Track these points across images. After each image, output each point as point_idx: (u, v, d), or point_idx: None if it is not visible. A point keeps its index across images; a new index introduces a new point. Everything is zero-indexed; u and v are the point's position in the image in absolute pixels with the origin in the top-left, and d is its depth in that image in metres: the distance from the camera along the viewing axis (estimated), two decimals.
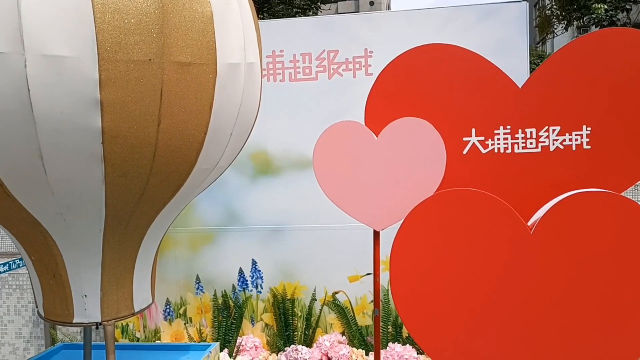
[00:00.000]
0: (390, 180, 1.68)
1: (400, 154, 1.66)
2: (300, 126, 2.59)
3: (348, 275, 2.63)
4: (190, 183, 1.48)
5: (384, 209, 1.68)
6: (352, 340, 2.61)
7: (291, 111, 2.60)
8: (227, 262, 2.68)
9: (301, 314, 2.65)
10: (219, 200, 2.68)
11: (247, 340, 2.61)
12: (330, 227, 2.62)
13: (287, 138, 2.61)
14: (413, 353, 2.48)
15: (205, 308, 2.69)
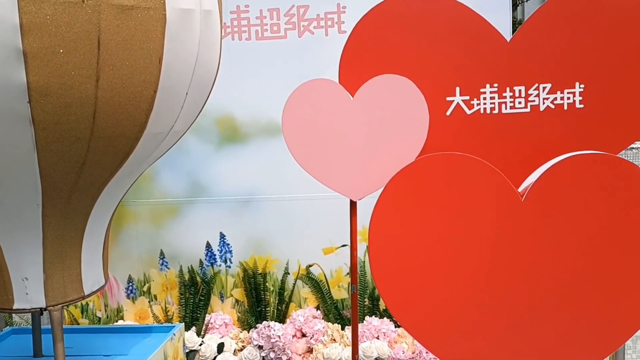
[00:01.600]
0: (368, 144, 1.52)
1: (378, 115, 1.50)
2: (269, 89, 2.40)
3: (322, 247, 2.50)
4: (141, 149, 1.29)
5: (361, 176, 1.53)
6: (327, 315, 2.49)
7: (258, 73, 2.41)
8: (193, 236, 2.51)
9: (273, 288, 2.52)
10: (182, 170, 2.49)
11: (216, 317, 2.47)
12: (302, 197, 2.47)
13: (254, 102, 2.43)
14: (391, 326, 2.38)
15: (170, 285, 2.53)
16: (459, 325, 1.38)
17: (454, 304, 1.36)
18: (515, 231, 1.31)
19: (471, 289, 1.35)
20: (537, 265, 1.31)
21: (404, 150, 1.49)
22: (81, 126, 1.13)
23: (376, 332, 2.36)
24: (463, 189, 1.32)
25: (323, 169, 1.57)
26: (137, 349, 1.74)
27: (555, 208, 1.30)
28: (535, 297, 1.32)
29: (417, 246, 1.35)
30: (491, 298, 1.34)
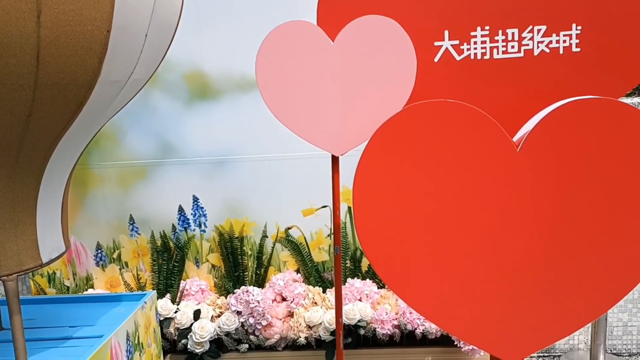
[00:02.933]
0: (350, 93, 1.40)
1: (361, 61, 1.38)
2: (241, 41, 2.24)
3: (301, 208, 2.39)
4: (96, 100, 1.15)
5: (342, 129, 1.41)
6: (308, 278, 2.41)
7: (229, 24, 2.24)
8: (164, 199, 2.37)
9: (251, 252, 2.42)
10: (150, 130, 2.34)
11: (192, 283, 2.36)
12: (280, 157, 2.34)
13: (226, 55, 2.27)
14: (373, 288, 2.31)
15: (142, 251, 2.41)
16: (449, 284, 1.30)
17: (444, 261, 1.28)
18: (510, 183, 1.22)
19: (462, 246, 1.26)
20: (534, 220, 1.23)
21: (389, 100, 1.37)
22: (23, 71, 0.98)
23: (358, 294, 2.29)
24: (454, 140, 1.22)
25: (301, 121, 1.45)
26: (106, 318, 1.63)
27: (553, 158, 1.20)
28: (530, 253, 1.24)
29: (404, 202, 1.24)
30: (483, 254, 1.26)
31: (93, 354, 1.35)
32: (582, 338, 2.70)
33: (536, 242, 1.23)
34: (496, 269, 1.27)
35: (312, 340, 2.26)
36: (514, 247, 1.24)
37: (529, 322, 1.30)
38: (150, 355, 1.72)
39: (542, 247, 1.23)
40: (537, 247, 1.24)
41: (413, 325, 2.18)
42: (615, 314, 2.66)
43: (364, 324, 2.21)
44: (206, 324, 2.23)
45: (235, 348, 2.29)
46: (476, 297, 1.30)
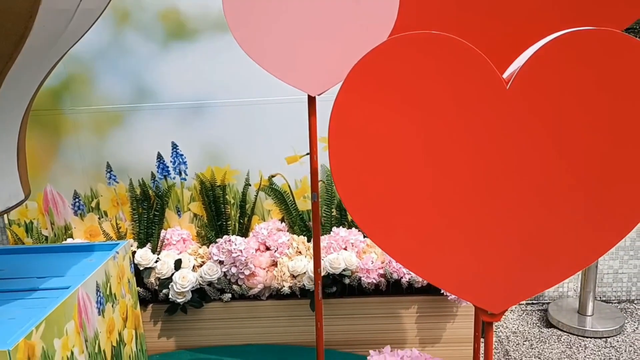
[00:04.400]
0: (327, 27, 1.28)
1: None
2: None
3: (285, 155, 2.30)
4: (40, 31, 1.03)
5: (319, 66, 1.30)
6: (292, 227, 2.34)
7: None
8: (142, 146, 2.28)
9: (234, 201, 2.34)
10: (124, 73, 2.21)
11: (173, 232, 2.30)
12: (262, 101, 2.23)
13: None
14: (359, 236, 2.25)
15: (121, 200, 2.33)
16: (429, 231, 1.23)
17: (425, 207, 1.20)
18: (498, 124, 1.12)
19: (445, 191, 1.18)
20: (523, 163, 1.14)
21: (369, 34, 1.25)
22: None
23: (344, 243, 2.23)
24: (438, 76, 1.11)
25: (275, 59, 1.33)
26: (76, 269, 1.56)
27: (545, 96, 1.10)
28: (518, 198, 1.16)
29: (384, 143, 1.15)
30: (467, 200, 1.18)
31: (58, 306, 1.29)
32: (572, 285, 2.68)
33: (525, 187, 1.15)
34: (480, 216, 1.19)
35: (297, 289, 2.22)
36: (501, 192, 1.16)
37: (514, 271, 1.23)
38: (125, 306, 1.67)
39: (531, 192, 1.15)
40: (526, 192, 1.15)
41: (399, 274, 2.14)
42: (606, 261, 2.62)
43: (349, 273, 2.16)
44: (187, 273, 2.18)
45: (218, 298, 2.25)
46: (459, 245, 1.23)
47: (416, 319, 2.21)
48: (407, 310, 2.22)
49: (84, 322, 1.41)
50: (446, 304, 2.17)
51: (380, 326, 2.23)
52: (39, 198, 2.33)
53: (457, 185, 1.17)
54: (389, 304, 2.21)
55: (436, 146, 1.15)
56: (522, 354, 2.27)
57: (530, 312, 2.61)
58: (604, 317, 2.45)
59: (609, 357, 2.21)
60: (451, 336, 2.20)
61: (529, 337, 2.40)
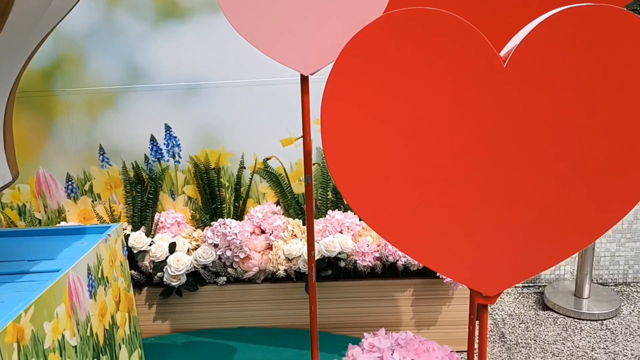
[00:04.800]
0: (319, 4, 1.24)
1: None
2: None
3: (280, 138, 2.27)
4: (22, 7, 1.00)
5: (312, 44, 1.27)
6: (287, 210, 2.32)
7: None
8: (134, 128, 2.25)
9: (229, 184, 2.32)
10: (116, 53, 2.17)
11: (167, 216, 2.28)
12: (256, 82, 2.20)
13: None
14: (355, 220, 2.23)
15: (115, 183, 2.30)
16: (424, 213, 1.21)
17: (419, 188, 1.18)
18: (494, 103, 1.10)
19: (439, 171, 1.16)
20: (519, 143, 1.11)
21: (363, 10, 1.22)
22: None
23: (339, 226, 2.21)
24: (433, 53, 1.08)
25: (267, 37, 1.30)
26: (67, 252, 1.55)
27: (543, 74, 1.08)
28: (514, 179, 1.14)
29: (377, 123, 1.13)
30: (462, 180, 1.16)
31: (48, 289, 1.27)
32: (568, 268, 2.67)
33: (522, 167, 1.13)
34: (476, 197, 1.17)
35: (292, 272, 2.21)
36: (497, 172, 1.14)
37: (510, 253, 1.22)
38: (117, 289, 1.65)
39: (527, 172, 1.13)
40: (523, 172, 1.13)
41: (395, 257, 2.13)
42: (603, 244, 2.61)
43: (345, 256, 2.15)
44: (182, 256, 2.16)
45: (213, 281, 2.24)
46: (453, 227, 1.21)
47: (412, 301, 2.21)
48: (402, 293, 2.21)
49: (75, 306, 1.40)
50: (442, 287, 2.16)
51: (375, 309, 2.22)
52: (31, 181, 2.31)
53: (453, 166, 1.15)
54: (385, 287, 2.21)
55: (431, 126, 1.12)
56: (517, 336, 2.27)
57: (527, 295, 2.61)
58: (600, 300, 2.45)
59: (605, 340, 2.21)
60: (446, 319, 2.20)
61: (525, 319, 2.40)
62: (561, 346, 2.19)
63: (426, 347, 1.49)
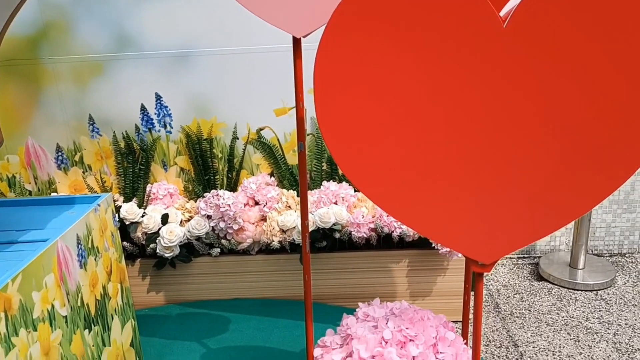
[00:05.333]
0: None
1: None
2: None
3: (273, 107, 2.23)
4: None
5: (305, 4, 1.22)
6: (281, 182, 2.30)
7: None
8: (124, 97, 2.20)
9: (222, 155, 2.28)
10: (104, 20, 2.11)
11: (160, 187, 2.25)
12: (248, 50, 2.14)
13: None
14: (350, 191, 2.21)
15: (105, 153, 2.27)
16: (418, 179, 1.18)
17: (413, 155, 1.14)
18: (493, 66, 1.06)
19: (434, 136, 1.12)
20: (517, 108, 1.08)
21: None
22: None
23: (334, 197, 2.19)
24: (429, 12, 1.04)
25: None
26: (56, 222, 1.52)
27: (545, 34, 1.04)
28: (510, 145, 1.11)
29: (374, 88, 1.09)
30: (457, 146, 1.13)
31: (35, 258, 1.24)
32: (564, 239, 2.67)
33: (521, 130, 1.10)
34: (473, 162, 1.14)
35: (286, 244, 2.19)
36: (492, 139, 1.11)
37: (506, 221, 1.19)
38: (108, 259, 1.63)
39: (527, 135, 1.10)
40: (521, 135, 1.10)
41: (390, 228, 2.11)
42: (599, 215, 2.60)
43: (339, 227, 2.13)
44: (175, 228, 2.14)
45: (207, 252, 2.22)
46: (449, 194, 1.19)
47: (407, 272, 2.20)
48: (397, 264, 2.20)
49: (65, 275, 1.38)
50: (437, 257, 2.15)
51: (370, 280, 2.22)
52: (20, 152, 2.26)
53: (450, 131, 1.12)
54: (380, 258, 2.19)
55: (428, 90, 1.09)
56: (512, 307, 2.27)
57: (522, 266, 2.61)
58: (595, 270, 2.45)
59: (599, 310, 2.22)
60: (441, 289, 2.20)
61: (520, 290, 2.40)
62: (555, 316, 2.19)
63: (421, 316, 1.48)
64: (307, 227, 1.45)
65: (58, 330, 1.33)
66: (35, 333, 1.23)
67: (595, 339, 2.03)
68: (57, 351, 1.32)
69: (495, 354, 1.98)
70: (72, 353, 1.39)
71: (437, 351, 1.39)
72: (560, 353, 1.97)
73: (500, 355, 1.97)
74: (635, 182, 2.54)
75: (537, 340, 2.05)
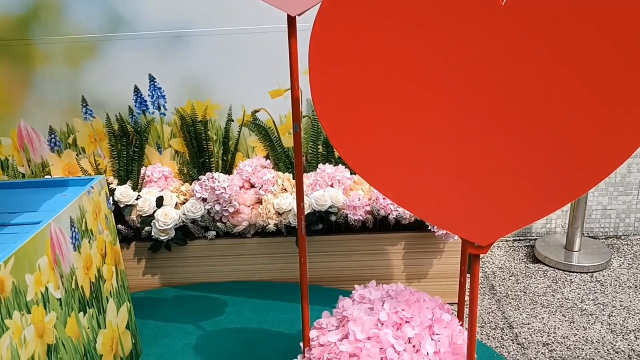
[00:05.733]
0: None
1: None
2: None
3: (269, 89, 2.21)
4: None
5: None
6: (277, 164, 2.28)
7: None
8: (117, 79, 2.17)
9: (216, 137, 2.26)
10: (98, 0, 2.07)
11: (154, 170, 2.23)
12: (243, 30, 2.11)
13: None
14: (346, 173, 2.20)
15: (99, 136, 2.24)
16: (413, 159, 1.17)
17: (408, 133, 1.13)
18: (490, 44, 1.04)
19: (429, 115, 1.11)
20: (513, 87, 1.07)
21: None
22: None
23: (330, 180, 2.18)
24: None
25: None
26: (49, 204, 1.50)
27: (545, 12, 1.02)
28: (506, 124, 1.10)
29: (370, 68, 1.07)
30: (453, 125, 1.11)
31: (28, 240, 1.23)
32: (560, 222, 2.67)
33: (519, 109, 1.08)
34: (469, 143, 1.13)
35: (282, 227, 2.18)
36: (492, 117, 1.09)
37: (502, 202, 1.18)
38: (103, 242, 1.62)
39: (525, 115, 1.08)
40: (519, 115, 1.09)
41: (386, 210, 2.10)
42: (595, 197, 2.60)
43: (335, 210, 2.12)
44: (170, 210, 2.13)
45: (202, 235, 2.21)
46: (446, 175, 1.18)
47: (403, 255, 2.20)
48: (394, 246, 2.20)
49: (58, 258, 1.36)
50: (433, 240, 2.15)
51: (366, 262, 2.21)
52: (12, 134, 2.24)
53: (447, 110, 1.10)
54: (376, 240, 2.19)
55: (425, 68, 1.07)
56: (507, 289, 2.28)
57: (517, 249, 2.61)
58: (591, 253, 2.45)
59: (594, 291, 2.23)
60: (437, 272, 2.20)
61: (515, 272, 2.41)
62: (551, 298, 2.20)
63: (417, 298, 1.48)
64: (302, 209, 1.44)
65: (52, 312, 1.32)
66: (29, 315, 1.22)
67: (590, 320, 2.04)
68: (52, 333, 1.32)
69: (491, 335, 1.99)
70: (67, 335, 1.38)
71: (433, 332, 1.39)
72: (555, 334, 1.98)
73: (495, 337, 1.98)
74: (631, 165, 2.53)
75: (532, 321, 2.06)
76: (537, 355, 1.88)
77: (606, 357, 1.85)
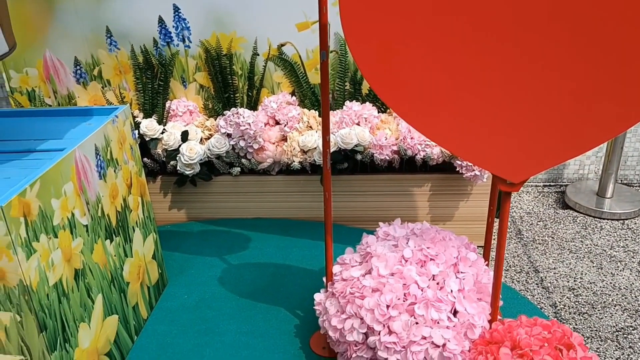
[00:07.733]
0: None
1: None
2: None
3: (295, 22, 2.13)
4: None
5: None
6: (303, 101, 2.23)
7: None
8: (141, 9, 2.11)
9: (241, 72, 2.21)
10: None
11: (179, 104, 2.20)
12: None
13: None
14: (373, 112, 2.14)
15: (124, 68, 2.21)
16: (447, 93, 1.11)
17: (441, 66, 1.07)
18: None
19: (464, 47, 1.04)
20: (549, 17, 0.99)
21: None
22: None
23: (357, 118, 2.12)
24: None
25: None
26: (74, 132, 1.50)
27: None
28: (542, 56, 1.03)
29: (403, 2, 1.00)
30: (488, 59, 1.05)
31: (53, 166, 1.23)
32: (593, 168, 2.58)
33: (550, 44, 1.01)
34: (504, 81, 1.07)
35: (307, 165, 2.16)
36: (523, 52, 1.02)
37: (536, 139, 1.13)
38: (128, 172, 1.62)
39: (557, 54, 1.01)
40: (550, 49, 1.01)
41: (413, 150, 2.05)
42: (632, 143, 2.50)
43: (361, 149, 2.08)
44: (195, 145, 2.12)
45: (227, 171, 2.21)
46: (480, 111, 1.12)
47: (429, 197, 2.16)
48: (420, 188, 2.16)
49: (84, 185, 1.37)
50: (461, 182, 2.11)
51: (391, 203, 2.19)
52: (39, 64, 2.22)
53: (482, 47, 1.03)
54: (402, 181, 2.15)
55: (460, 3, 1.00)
56: (535, 234, 2.24)
57: (547, 194, 2.55)
58: (623, 200, 2.38)
59: (625, 238, 2.17)
60: (464, 215, 2.16)
61: (544, 217, 2.36)
62: (579, 244, 2.15)
63: (442, 236, 1.46)
64: (328, 142, 1.40)
65: (79, 238, 1.34)
66: (56, 240, 1.24)
67: (619, 267, 2.00)
68: (79, 258, 1.34)
69: (515, 278, 1.97)
70: (93, 261, 1.41)
71: (458, 271, 1.37)
72: (582, 279, 1.95)
73: (520, 280, 1.96)
74: None
75: (559, 266, 2.03)
76: (562, 299, 1.85)
77: (633, 303, 1.82)
